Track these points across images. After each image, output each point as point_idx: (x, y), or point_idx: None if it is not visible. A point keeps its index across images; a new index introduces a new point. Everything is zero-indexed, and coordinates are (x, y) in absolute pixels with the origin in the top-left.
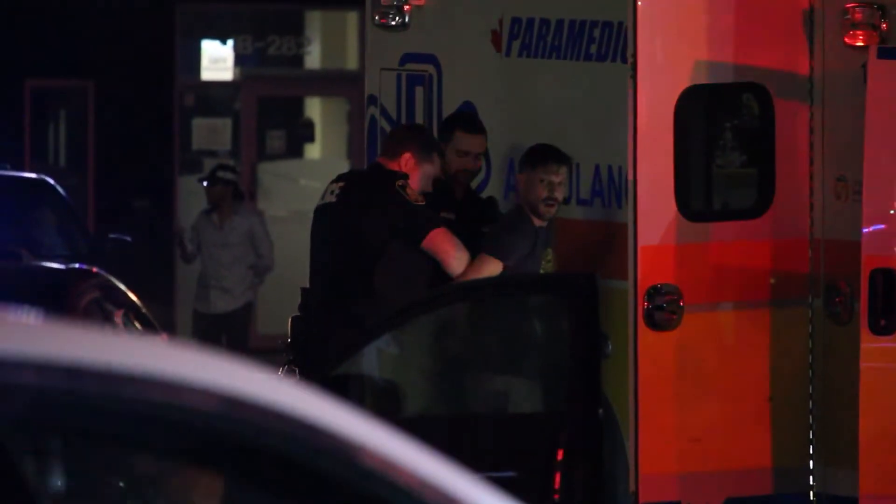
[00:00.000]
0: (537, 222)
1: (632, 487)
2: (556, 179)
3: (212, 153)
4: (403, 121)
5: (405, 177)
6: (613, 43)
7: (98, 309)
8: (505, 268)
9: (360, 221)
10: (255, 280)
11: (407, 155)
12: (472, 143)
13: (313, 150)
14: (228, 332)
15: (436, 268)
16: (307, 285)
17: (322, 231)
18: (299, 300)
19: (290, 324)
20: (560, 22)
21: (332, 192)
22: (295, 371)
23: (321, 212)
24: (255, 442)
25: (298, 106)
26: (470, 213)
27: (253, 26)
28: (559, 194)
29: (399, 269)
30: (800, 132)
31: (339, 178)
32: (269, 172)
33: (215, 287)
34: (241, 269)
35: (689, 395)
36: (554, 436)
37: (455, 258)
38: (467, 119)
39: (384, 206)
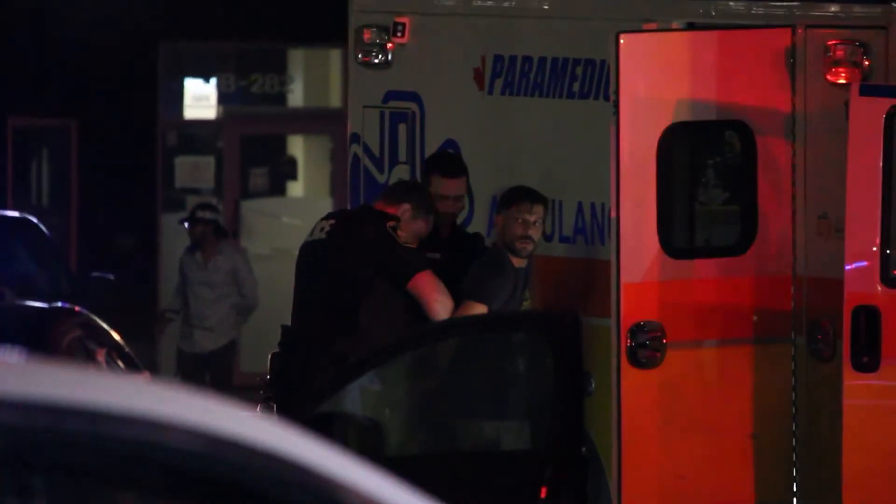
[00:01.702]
0: (517, 263)
1: None
2: (531, 218)
3: (195, 191)
4: (386, 159)
5: (396, 219)
6: (596, 81)
7: (81, 348)
8: (490, 311)
9: (347, 259)
10: (238, 319)
11: (407, 206)
12: (451, 187)
13: (296, 188)
14: (212, 371)
15: (419, 309)
16: (288, 322)
17: (309, 267)
18: (279, 337)
19: (269, 360)
20: (542, 60)
21: (321, 230)
22: (272, 408)
23: (309, 248)
24: (239, 481)
25: (281, 144)
26: (456, 251)
27: (236, 64)
28: (534, 233)
29: (384, 309)
30: (782, 169)
31: (330, 216)
32: (252, 210)
33: (199, 326)
34: (224, 307)
35: (672, 433)
36: (537, 473)
37: (437, 302)
38: (446, 162)
39: (373, 244)
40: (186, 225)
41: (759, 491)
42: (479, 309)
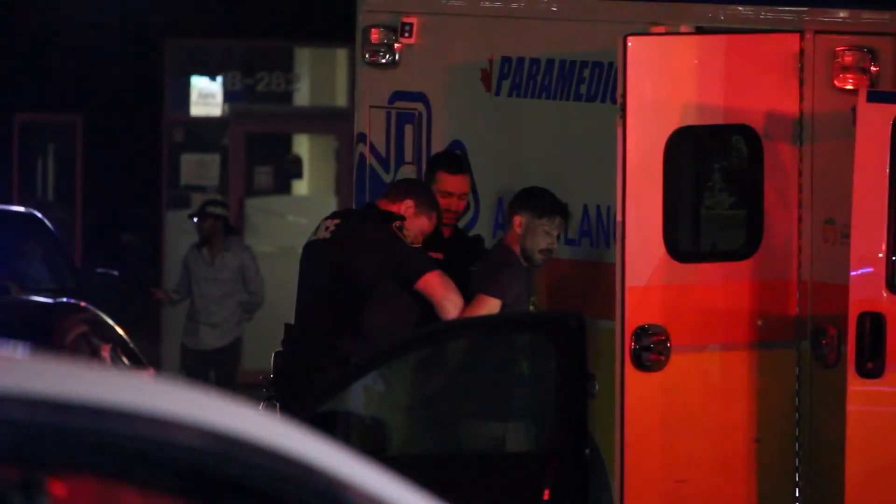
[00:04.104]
0: (524, 262)
1: None
2: (556, 233)
3: (200, 188)
4: (392, 159)
5: (402, 218)
6: (603, 83)
7: (86, 343)
8: (504, 306)
9: (352, 259)
10: (244, 316)
11: (409, 202)
12: (455, 184)
13: (301, 187)
14: (217, 368)
15: (425, 309)
16: (292, 321)
17: (313, 266)
18: (283, 336)
19: (272, 359)
20: (550, 62)
21: (325, 229)
22: (275, 406)
23: (313, 247)
24: (243, 479)
25: (287, 142)
26: (458, 252)
27: (242, 63)
28: (555, 246)
29: (388, 309)
30: (788, 174)
31: (335, 215)
32: (257, 208)
33: (204, 323)
34: (230, 304)
35: (675, 436)
36: (540, 475)
37: (449, 301)
38: (449, 159)
39: (379, 245)
40: (195, 219)
41: (762, 496)
42: (493, 303)
